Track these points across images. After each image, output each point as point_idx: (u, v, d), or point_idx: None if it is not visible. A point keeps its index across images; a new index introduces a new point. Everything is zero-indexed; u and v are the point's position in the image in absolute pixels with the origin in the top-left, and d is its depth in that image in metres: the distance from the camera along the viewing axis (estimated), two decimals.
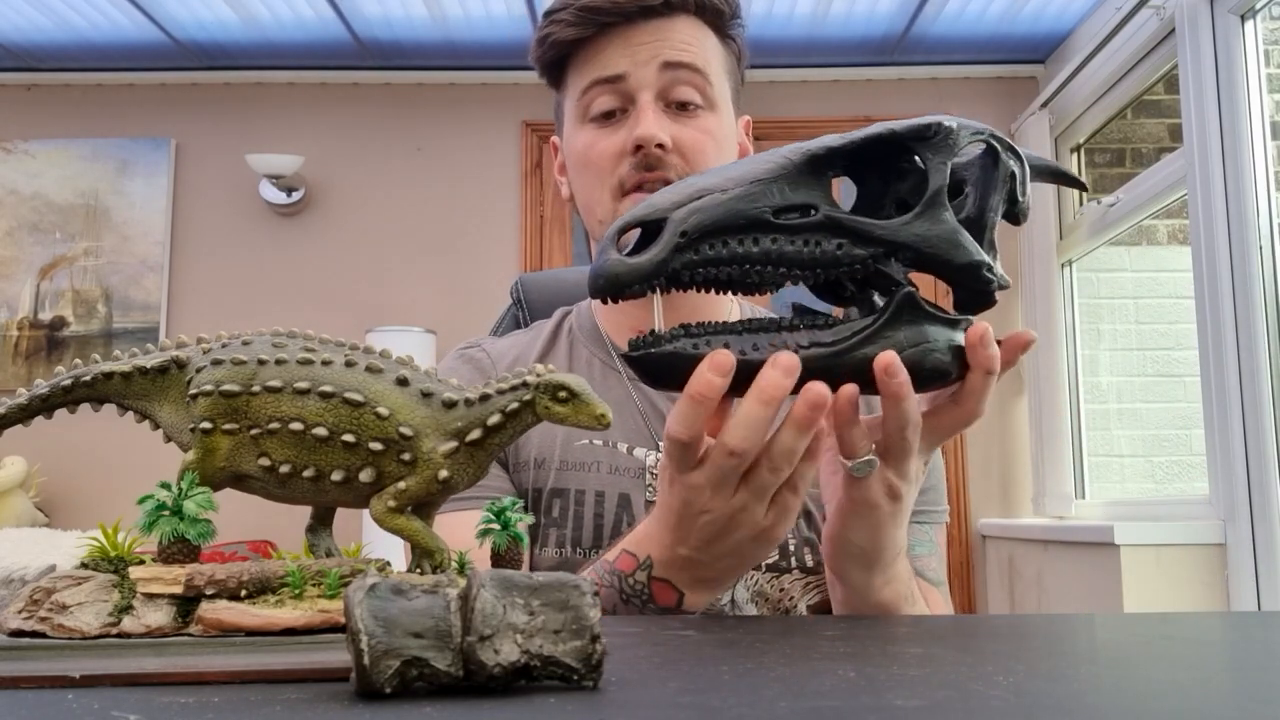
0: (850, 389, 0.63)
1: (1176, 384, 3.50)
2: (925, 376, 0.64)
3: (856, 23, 3.63)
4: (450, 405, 0.48)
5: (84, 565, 0.47)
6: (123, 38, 3.76)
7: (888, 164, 0.67)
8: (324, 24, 3.65)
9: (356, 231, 3.95)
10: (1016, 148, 0.68)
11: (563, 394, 0.48)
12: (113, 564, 0.47)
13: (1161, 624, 0.68)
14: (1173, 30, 2.78)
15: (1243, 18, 2.60)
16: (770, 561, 0.98)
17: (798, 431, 0.63)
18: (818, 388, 0.62)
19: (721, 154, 1.03)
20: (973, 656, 0.48)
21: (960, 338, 0.66)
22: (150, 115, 4.01)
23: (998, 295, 0.68)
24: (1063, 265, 3.57)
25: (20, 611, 0.44)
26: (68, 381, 0.51)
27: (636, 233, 0.63)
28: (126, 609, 0.44)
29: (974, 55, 3.86)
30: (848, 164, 0.66)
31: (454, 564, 0.50)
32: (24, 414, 0.50)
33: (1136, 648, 0.56)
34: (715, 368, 0.61)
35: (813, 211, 0.62)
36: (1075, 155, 3.64)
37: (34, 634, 0.43)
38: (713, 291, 0.63)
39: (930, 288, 2.63)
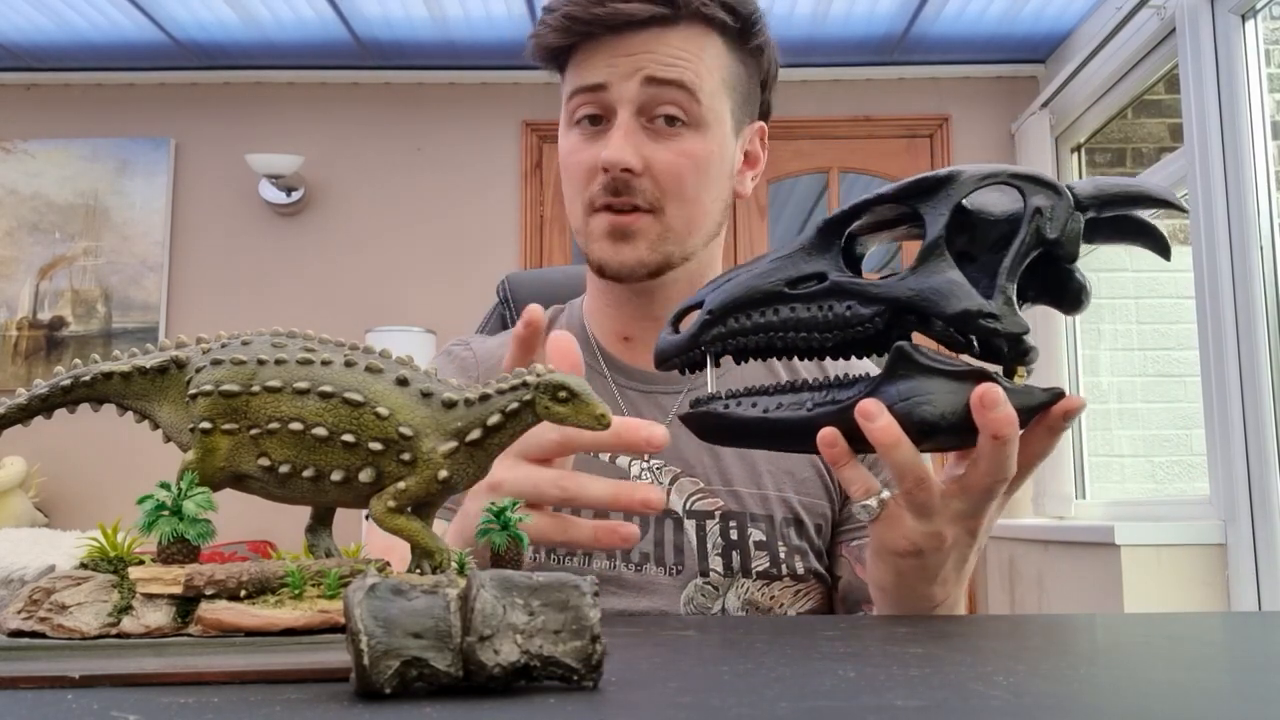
0: (826, 432, 0.66)
1: (1177, 384, 3.50)
2: (916, 430, 0.64)
3: (856, 23, 3.63)
4: (450, 405, 0.48)
5: (83, 565, 0.47)
6: (123, 38, 3.76)
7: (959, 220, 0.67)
8: (324, 24, 3.65)
9: (356, 231, 3.96)
10: (1049, 180, 0.66)
11: (563, 394, 0.48)
12: (112, 564, 0.47)
13: (1161, 624, 0.68)
14: (1173, 30, 2.78)
15: (1243, 17, 2.60)
16: (761, 569, 0.99)
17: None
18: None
19: (703, 178, 0.98)
20: (973, 656, 0.47)
21: (968, 392, 0.64)
22: (150, 115, 4.01)
23: (1034, 344, 0.65)
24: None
25: (20, 612, 0.44)
26: (67, 382, 0.50)
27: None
28: (126, 609, 0.44)
29: (974, 55, 3.86)
30: (873, 228, 0.70)
31: (454, 564, 0.50)
32: (23, 414, 0.50)
33: (1136, 648, 0.56)
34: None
35: (824, 279, 0.67)
36: (1076, 155, 3.64)
37: (33, 634, 0.43)
38: (745, 359, 0.70)
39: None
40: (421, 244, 3.93)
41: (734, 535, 0.99)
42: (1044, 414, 0.67)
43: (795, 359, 0.70)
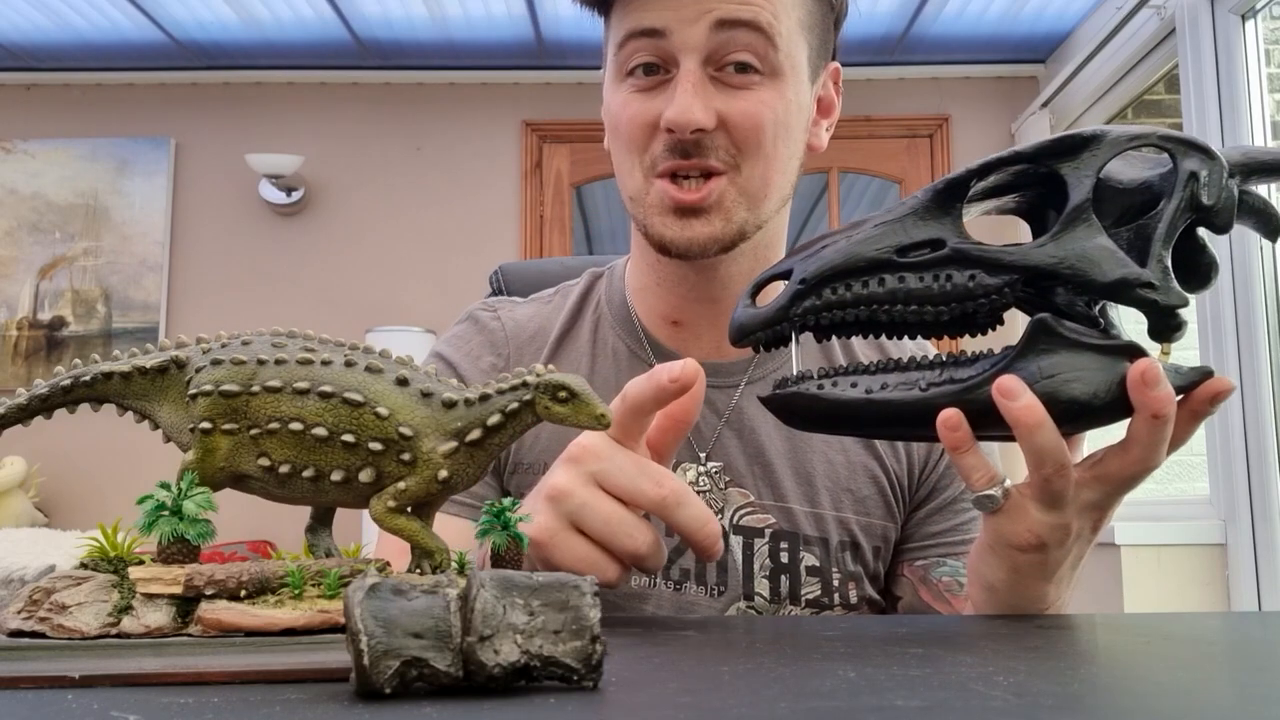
0: (949, 413, 0.59)
1: None
2: (1062, 411, 0.58)
3: (856, 23, 3.61)
4: (450, 405, 0.48)
5: (83, 565, 0.47)
6: (123, 38, 3.76)
7: (1057, 190, 0.61)
8: (324, 24, 3.65)
9: (356, 231, 3.96)
10: (1203, 144, 0.60)
11: (563, 394, 0.48)
12: (112, 564, 0.47)
13: (1161, 624, 0.68)
14: (1173, 30, 2.78)
15: (1243, 17, 2.60)
16: (811, 597, 0.91)
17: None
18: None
19: (784, 131, 0.87)
20: (973, 656, 0.47)
21: (1123, 370, 0.59)
22: (150, 115, 4.01)
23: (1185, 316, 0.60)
24: None
25: (19, 612, 0.44)
26: (67, 382, 0.50)
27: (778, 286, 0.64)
28: (126, 609, 0.44)
29: (974, 55, 3.86)
30: (990, 193, 0.64)
31: (454, 564, 0.50)
32: (23, 414, 0.50)
33: (1136, 648, 0.56)
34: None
35: (941, 246, 0.60)
36: None
37: (33, 634, 0.43)
38: (838, 337, 0.63)
39: None
40: (422, 244, 3.93)
41: (784, 558, 0.90)
42: (1187, 397, 0.61)
43: (895, 338, 0.62)
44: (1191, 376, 0.61)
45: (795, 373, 0.63)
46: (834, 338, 0.64)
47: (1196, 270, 0.62)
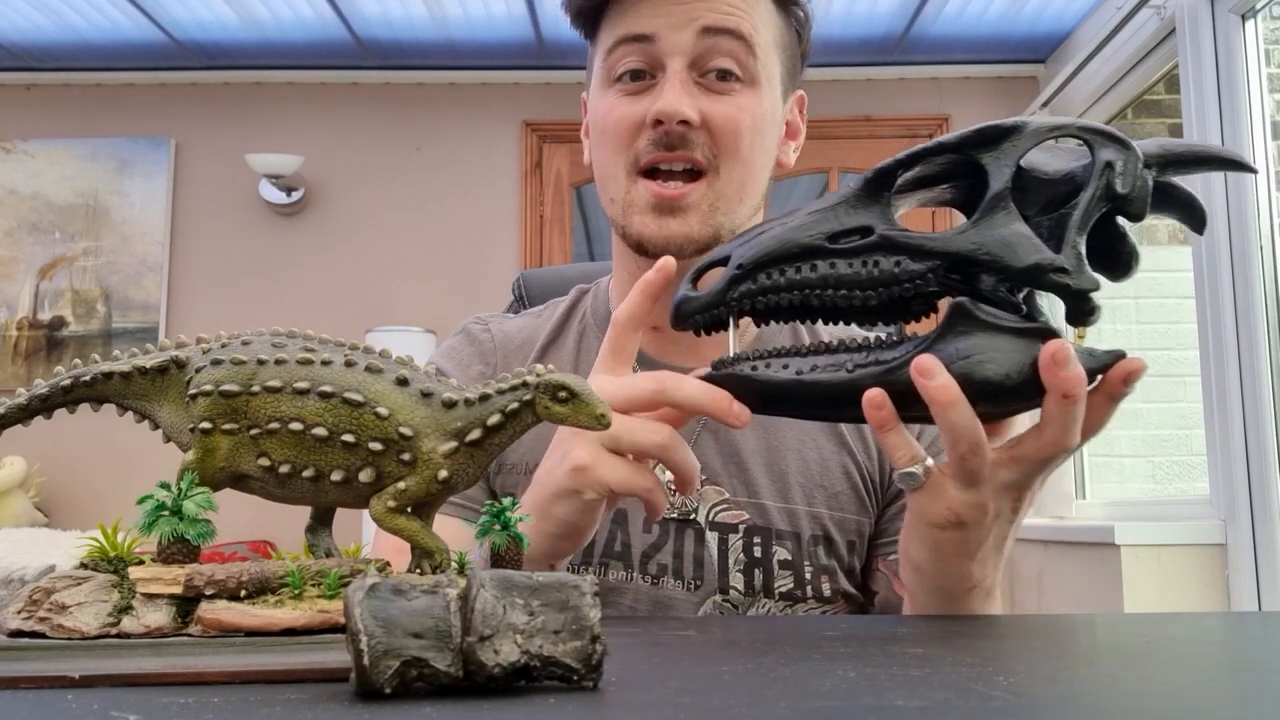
0: (873, 393, 0.61)
1: (1177, 384, 3.49)
2: (977, 391, 0.60)
3: (856, 23, 3.63)
4: (450, 405, 0.48)
5: (83, 565, 0.47)
6: (123, 38, 3.76)
7: (980, 181, 0.63)
8: (324, 24, 3.65)
9: (356, 231, 3.96)
10: (1119, 135, 0.62)
11: (563, 394, 0.48)
12: (112, 564, 0.47)
13: (1161, 624, 0.68)
14: (1173, 30, 2.78)
15: (1243, 17, 2.60)
16: (785, 590, 0.93)
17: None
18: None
19: (759, 138, 0.92)
20: (973, 656, 0.47)
21: (1037, 352, 0.60)
22: (150, 115, 4.01)
23: (1099, 301, 0.62)
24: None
25: (20, 612, 0.44)
26: (67, 382, 0.50)
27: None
28: (126, 609, 0.44)
29: (974, 55, 3.86)
30: (918, 183, 0.66)
31: (454, 564, 0.50)
32: (23, 414, 0.50)
33: (1136, 648, 0.56)
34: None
35: (870, 233, 0.62)
36: None
37: (33, 634, 0.43)
38: (771, 321, 0.65)
39: None
40: (421, 244, 3.93)
41: (757, 552, 0.93)
42: (1103, 379, 0.62)
43: (828, 322, 0.65)
44: (1105, 359, 0.62)
45: (731, 354, 0.66)
46: (805, 322, 0.66)
47: (1118, 258, 0.65)
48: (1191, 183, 2.55)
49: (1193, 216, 0.67)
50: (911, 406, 0.61)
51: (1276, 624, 0.74)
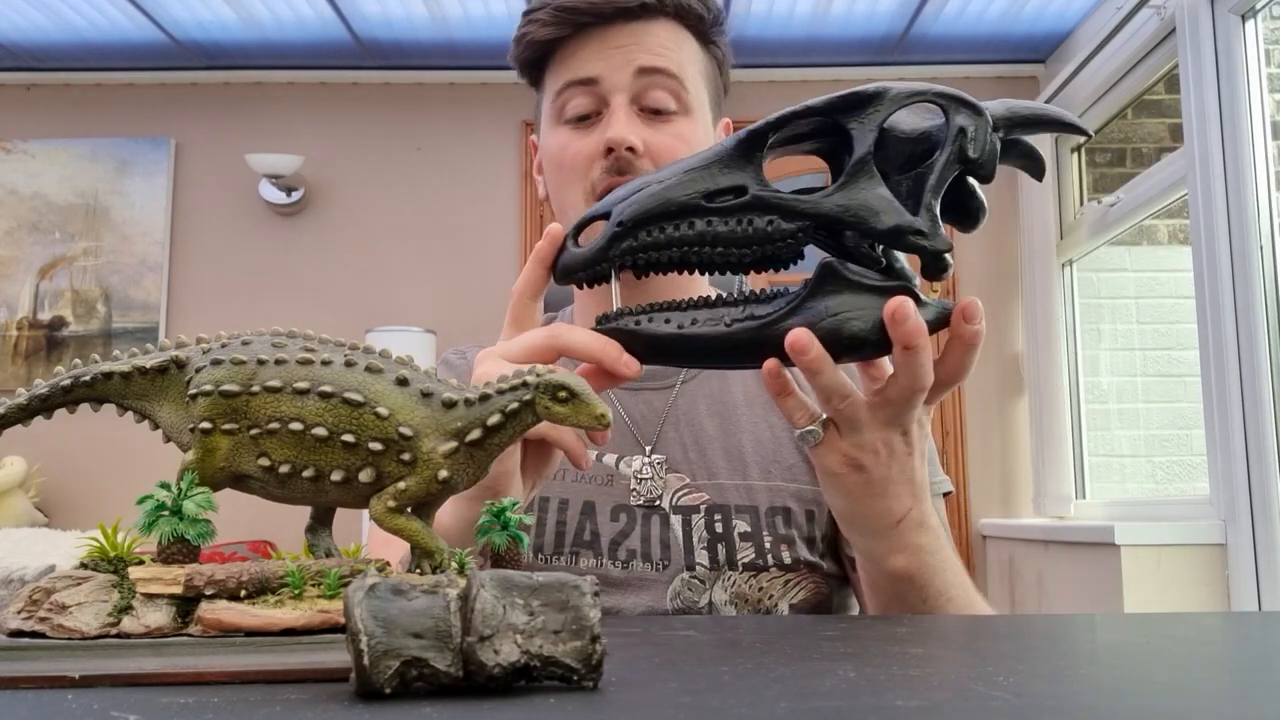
0: (770, 364, 0.66)
1: (1177, 384, 3.50)
2: (844, 345, 0.65)
3: (856, 23, 3.63)
4: (450, 405, 0.48)
5: (83, 565, 0.47)
6: (123, 38, 3.76)
7: (846, 141, 0.67)
8: (324, 24, 3.65)
9: (356, 231, 3.96)
10: (971, 100, 0.67)
11: (563, 394, 0.48)
12: (112, 564, 0.47)
13: (1161, 624, 0.68)
14: (1173, 30, 2.78)
15: (1243, 17, 2.60)
16: (747, 560, 0.99)
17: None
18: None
19: None
20: (973, 656, 0.47)
21: (877, 304, 0.66)
22: (150, 115, 4.01)
23: (951, 260, 0.66)
24: (1063, 265, 3.57)
25: (20, 612, 0.44)
26: (67, 382, 0.51)
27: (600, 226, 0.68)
28: (126, 609, 0.44)
29: (974, 55, 3.86)
30: (787, 141, 0.69)
31: (454, 564, 0.50)
32: (23, 414, 0.50)
33: (1136, 648, 0.56)
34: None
35: (744, 193, 0.65)
36: (1076, 155, 3.64)
37: (33, 634, 0.43)
38: (662, 275, 0.68)
39: None
40: (421, 244, 3.93)
41: (719, 528, 1.01)
42: (951, 325, 0.68)
43: (706, 274, 0.68)
44: (939, 309, 0.67)
45: (615, 309, 0.69)
46: (660, 275, 0.69)
47: (968, 213, 0.69)
48: (1192, 183, 2.54)
49: (1034, 166, 0.71)
50: (785, 357, 0.66)
51: (1276, 624, 0.74)
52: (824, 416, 0.71)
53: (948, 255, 0.65)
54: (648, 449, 1.04)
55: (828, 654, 0.49)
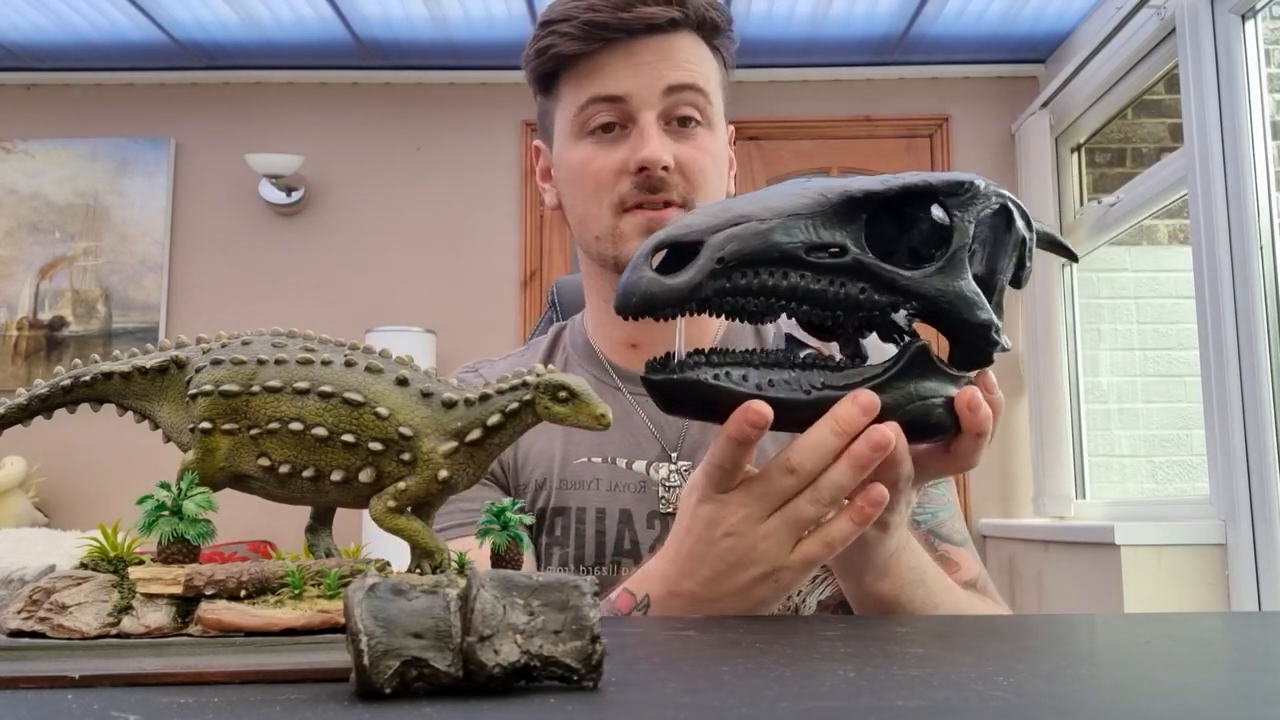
0: (882, 437, 0.64)
1: (1177, 384, 3.49)
2: (925, 431, 0.67)
3: (856, 23, 3.63)
4: (450, 405, 0.48)
5: (83, 565, 0.47)
6: (123, 38, 3.76)
7: (908, 212, 0.66)
8: (324, 24, 3.65)
9: (356, 231, 3.95)
10: (1030, 215, 0.70)
11: (563, 394, 0.48)
12: (112, 564, 0.47)
13: (1161, 624, 0.68)
14: (1173, 30, 2.78)
15: (1243, 17, 2.60)
16: None
17: (853, 468, 0.65)
18: (885, 431, 0.64)
19: (718, 172, 1.05)
20: (973, 657, 0.47)
21: (952, 394, 0.67)
22: (150, 115, 4.01)
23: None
24: (1062, 265, 3.57)
25: (20, 612, 0.44)
26: (67, 382, 0.51)
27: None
28: (126, 609, 0.44)
29: (974, 55, 3.86)
30: (879, 208, 0.66)
31: (454, 564, 0.50)
32: (23, 414, 0.50)
33: (1136, 648, 0.56)
34: (752, 421, 0.63)
35: (844, 253, 0.63)
36: (1075, 155, 3.64)
37: (33, 634, 0.43)
38: (735, 320, 0.64)
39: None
40: (421, 244, 3.93)
41: None
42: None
43: (751, 322, 0.66)
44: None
45: (678, 353, 0.64)
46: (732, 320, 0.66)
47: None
48: (1192, 183, 2.55)
49: (1063, 251, 0.77)
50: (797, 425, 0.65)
51: (1276, 624, 0.74)
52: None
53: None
54: (674, 455, 1.04)
55: (828, 654, 0.49)
